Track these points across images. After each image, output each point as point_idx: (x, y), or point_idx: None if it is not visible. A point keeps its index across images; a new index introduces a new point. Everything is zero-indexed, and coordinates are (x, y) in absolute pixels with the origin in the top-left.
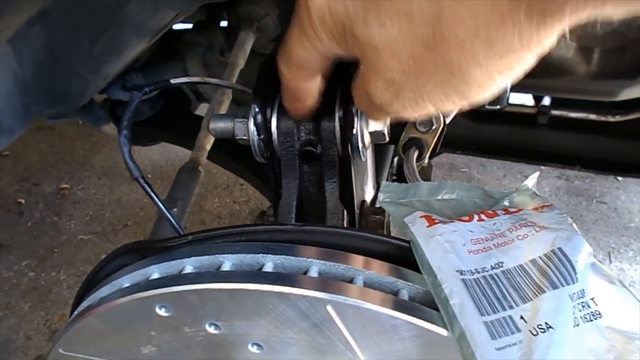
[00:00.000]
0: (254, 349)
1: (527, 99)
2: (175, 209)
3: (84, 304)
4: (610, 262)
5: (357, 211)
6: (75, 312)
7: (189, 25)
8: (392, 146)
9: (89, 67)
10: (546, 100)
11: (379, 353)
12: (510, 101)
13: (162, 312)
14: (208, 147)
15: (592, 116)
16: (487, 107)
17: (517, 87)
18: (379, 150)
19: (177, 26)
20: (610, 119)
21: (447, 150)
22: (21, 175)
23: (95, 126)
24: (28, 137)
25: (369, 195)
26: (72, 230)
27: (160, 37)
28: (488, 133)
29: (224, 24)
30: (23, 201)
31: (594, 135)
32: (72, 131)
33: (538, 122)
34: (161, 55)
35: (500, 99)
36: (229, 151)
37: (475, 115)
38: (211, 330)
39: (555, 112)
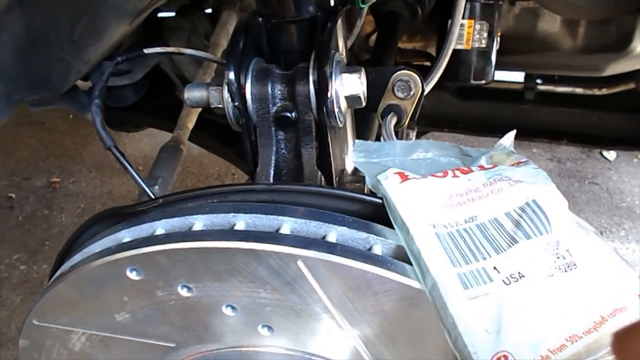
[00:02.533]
0: (228, 311)
1: (514, 76)
2: (156, 187)
3: (57, 274)
4: None
5: (336, 179)
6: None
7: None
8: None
9: (70, 51)
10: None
11: (353, 310)
12: (497, 78)
13: (133, 275)
14: (190, 125)
15: (579, 90)
16: (472, 82)
17: (504, 65)
18: (364, 122)
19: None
20: (597, 92)
21: (434, 129)
22: (12, 170)
23: (80, 113)
24: (18, 132)
25: (349, 165)
26: (64, 223)
27: (143, 23)
28: (475, 110)
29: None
30: (14, 195)
31: (581, 109)
32: (62, 125)
33: (525, 98)
34: (145, 41)
35: (485, 73)
36: (214, 133)
37: (462, 92)
38: (183, 293)
39: (542, 88)
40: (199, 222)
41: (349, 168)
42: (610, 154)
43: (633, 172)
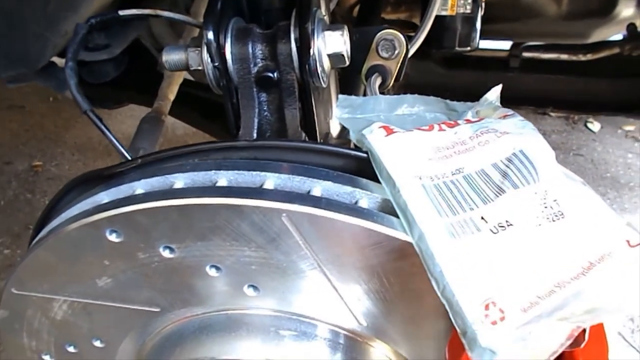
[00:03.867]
0: (212, 272)
1: (500, 44)
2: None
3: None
4: None
5: (320, 141)
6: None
7: None
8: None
9: (46, 25)
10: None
11: (340, 266)
12: (482, 46)
13: (113, 237)
14: (171, 96)
15: (564, 56)
16: (457, 48)
17: (489, 34)
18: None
19: None
20: (582, 58)
21: None
22: None
23: (58, 91)
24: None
25: (335, 129)
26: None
27: None
28: (461, 79)
29: None
30: None
31: (566, 76)
32: (42, 108)
33: (510, 66)
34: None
35: (470, 40)
36: (198, 108)
37: (447, 61)
38: (166, 254)
39: (526, 55)
40: (179, 181)
41: (334, 131)
42: (595, 126)
43: (617, 143)
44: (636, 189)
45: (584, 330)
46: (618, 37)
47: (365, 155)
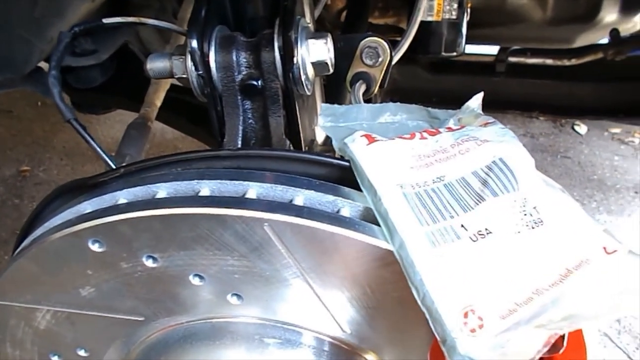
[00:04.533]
0: (195, 281)
1: (486, 49)
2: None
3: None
4: None
5: (305, 149)
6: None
7: None
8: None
9: (32, 30)
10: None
11: (323, 274)
12: (468, 51)
13: (95, 247)
14: (158, 102)
15: (549, 61)
16: (443, 54)
17: (475, 39)
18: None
19: None
20: (567, 62)
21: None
22: None
23: (45, 96)
24: None
25: (320, 136)
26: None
27: (110, 2)
28: (447, 84)
29: None
30: None
31: (552, 80)
32: (30, 113)
33: (496, 70)
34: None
35: (456, 45)
36: (185, 113)
37: (433, 66)
38: (149, 263)
39: (512, 59)
40: (162, 190)
41: (320, 138)
42: (582, 128)
43: (604, 146)
44: (622, 191)
45: (563, 337)
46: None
47: (347, 164)
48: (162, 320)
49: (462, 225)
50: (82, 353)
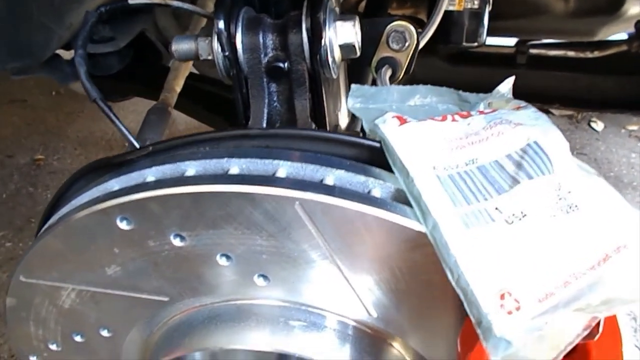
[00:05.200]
0: (222, 261)
1: (506, 41)
2: None
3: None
4: None
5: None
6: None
7: None
8: None
9: (52, 17)
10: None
11: (352, 255)
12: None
13: (123, 225)
14: (177, 88)
15: (571, 53)
16: (464, 44)
17: (496, 31)
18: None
19: None
20: (589, 55)
21: None
22: None
23: (63, 83)
24: (1, 111)
25: (343, 121)
26: (49, 200)
27: None
28: (467, 75)
29: None
30: None
31: (573, 72)
32: (45, 102)
33: (517, 62)
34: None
35: (477, 35)
36: (203, 101)
37: (452, 57)
38: (177, 242)
39: (533, 51)
40: (191, 168)
41: (343, 123)
42: (598, 125)
43: (620, 143)
44: (639, 188)
45: (598, 323)
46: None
47: (378, 144)
48: (187, 301)
49: (497, 208)
50: (105, 333)
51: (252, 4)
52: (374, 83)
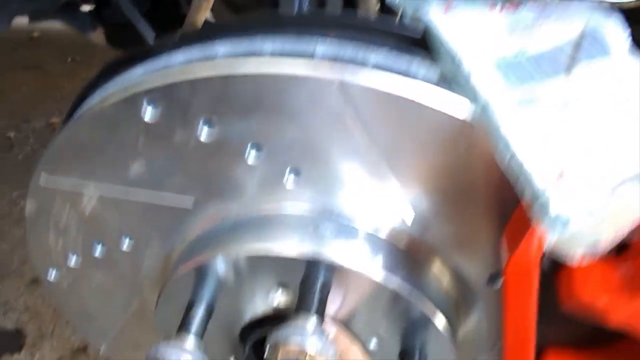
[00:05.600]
0: (252, 155)
1: None
2: None
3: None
4: None
5: None
6: None
7: None
8: None
9: None
10: None
11: (391, 143)
12: None
13: (150, 111)
14: (199, 23)
15: None
16: None
17: None
18: None
19: None
20: None
21: None
22: (9, 112)
23: (81, 32)
24: (14, 76)
25: None
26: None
27: None
28: None
29: None
30: (12, 136)
31: None
32: (60, 69)
33: None
34: None
35: None
36: None
37: None
38: (205, 133)
39: None
40: (222, 49)
41: None
42: None
43: None
44: None
45: None
46: None
47: (421, 30)
48: (211, 208)
49: (550, 90)
50: (126, 243)
51: None
52: None
